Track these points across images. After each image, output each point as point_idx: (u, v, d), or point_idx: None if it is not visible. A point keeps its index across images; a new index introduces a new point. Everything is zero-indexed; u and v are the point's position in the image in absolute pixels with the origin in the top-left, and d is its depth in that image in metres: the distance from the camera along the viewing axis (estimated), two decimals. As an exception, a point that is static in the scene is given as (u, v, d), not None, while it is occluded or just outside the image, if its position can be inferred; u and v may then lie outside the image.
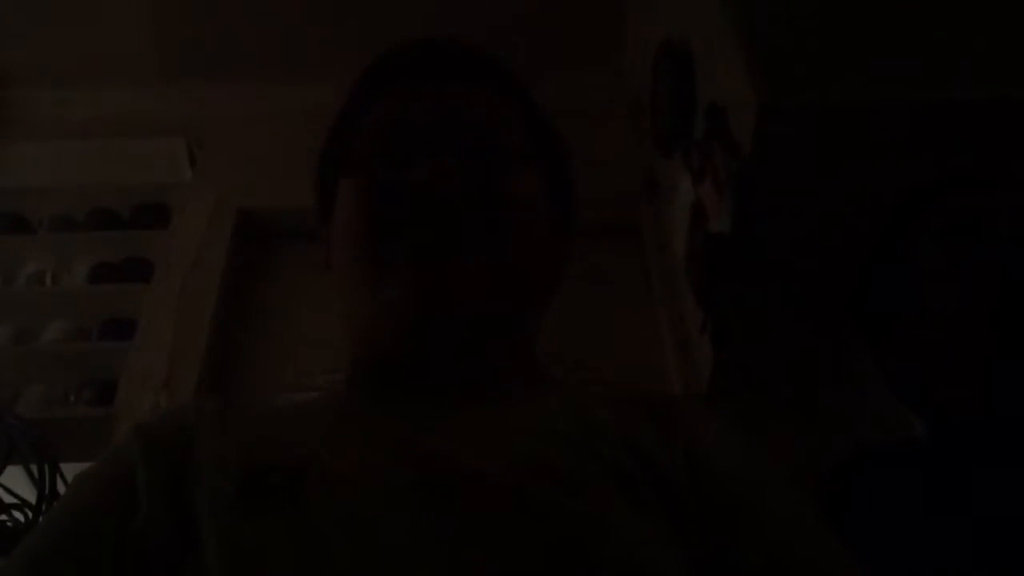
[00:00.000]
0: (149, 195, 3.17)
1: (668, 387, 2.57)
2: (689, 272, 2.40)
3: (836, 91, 1.84)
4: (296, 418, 0.74)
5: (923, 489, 1.14)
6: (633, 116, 3.08)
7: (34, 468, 2.15)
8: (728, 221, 2.02)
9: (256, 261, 3.02)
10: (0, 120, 3.30)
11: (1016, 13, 1.87)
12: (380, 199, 0.73)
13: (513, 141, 0.77)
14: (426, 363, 0.73)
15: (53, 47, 3.20)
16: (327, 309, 0.81)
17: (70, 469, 2.12)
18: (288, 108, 2.97)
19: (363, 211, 0.74)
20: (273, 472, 0.62)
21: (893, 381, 1.20)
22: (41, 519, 0.70)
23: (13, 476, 2.17)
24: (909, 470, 1.18)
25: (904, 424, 1.26)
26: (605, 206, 2.87)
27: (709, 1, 2.20)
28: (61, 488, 2.11)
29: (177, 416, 0.70)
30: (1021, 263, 1.16)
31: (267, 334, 2.84)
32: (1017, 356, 1.13)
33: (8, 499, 2.11)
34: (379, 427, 0.69)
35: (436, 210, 0.70)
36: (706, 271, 2.19)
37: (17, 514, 2.10)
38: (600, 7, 3.16)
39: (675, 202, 2.58)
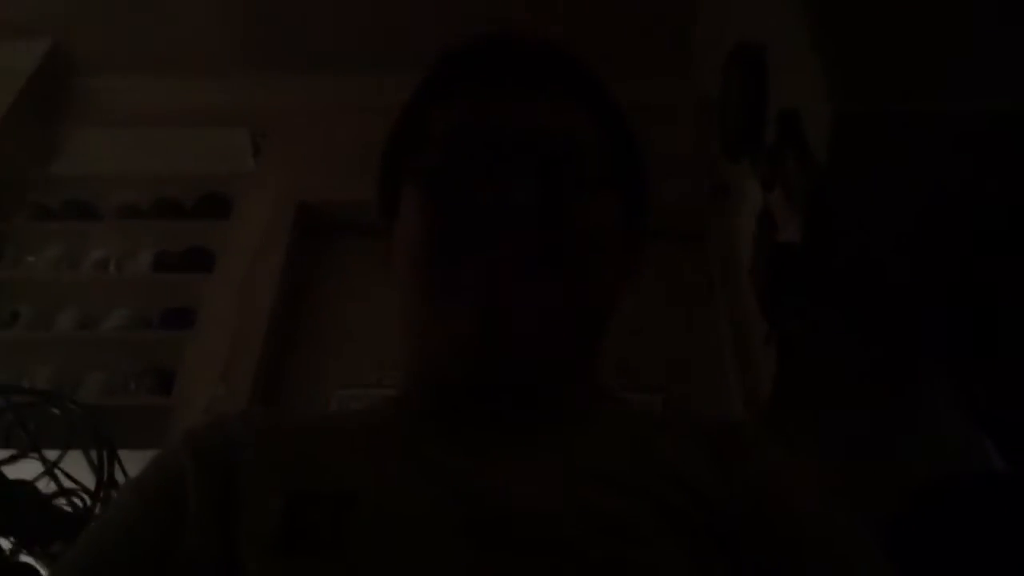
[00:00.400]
0: (212, 185, 3.19)
1: (727, 397, 2.50)
2: (754, 282, 2.34)
3: (916, 99, 1.77)
4: (343, 437, 0.71)
5: (1005, 525, 1.09)
6: (700, 118, 3.01)
7: (93, 454, 2.16)
8: (798, 231, 1.96)
9: (316, 255, 3.02)
10: (71, 108, 3.37)
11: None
12: (449, 217, 0.70)
13: (588, 159, 0.73)
14: (486, 390, 0.70)
15: (125, 37, 3.25)
16: (385, 304, 0.77)
17: (128, 457, 2.14)
18: (353, 102, 2.97)
19: (429, 227, 0.71)
20: (316, 504, 0.60)
21: (976, 410, 1.14)
22: (88, 527, 0.68)
23: (73, 461, 2.20)
24: (990, 504, 1.13)
25: (981, 454, 1.20)
26: (668, 210, 2.82)
27: (787, 5, 2.14)
28: (119, 475, 2.13)
29: (225, 428, 0.69)
30: None
31: (325, 328, 2.85)
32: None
33: (68, 484, 2.13)
34: (430, 456, 0.66)
35: (507, 234, 0.67)
36: (772, 282, 2.12)
37: (76, 500, 2.12)
38: (671, 7, 3.09)
39: (742, 209, 2.52)
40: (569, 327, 0.70)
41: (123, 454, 2.16)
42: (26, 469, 2.16)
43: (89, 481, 2.17)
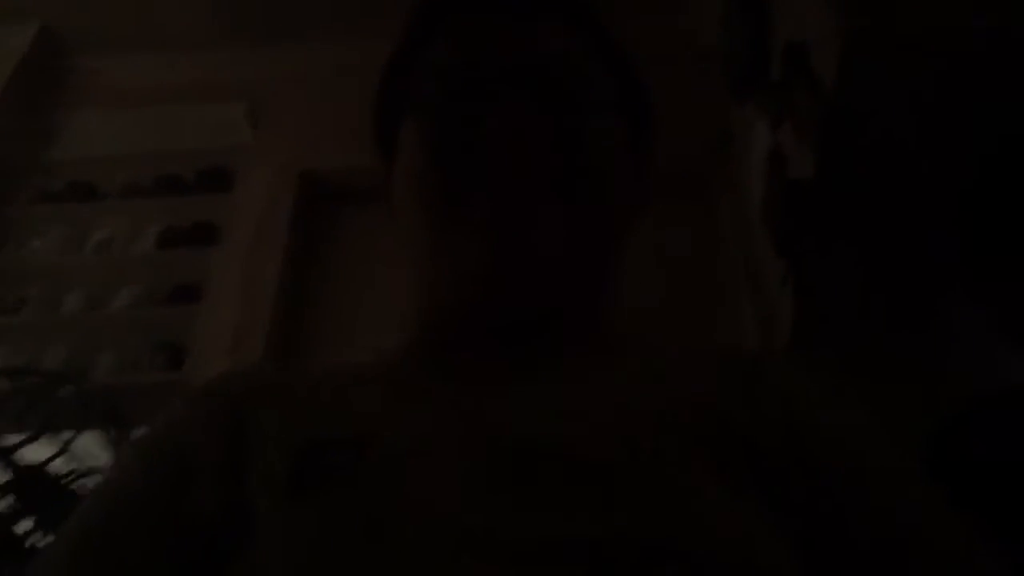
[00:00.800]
0: (213, 159, 3.17)
1: (747, 342, 2.47)
2: (768, 222, 2.29)
3: (930, 16, 1.70)
4: (352, 385, 0.69)
5: None
6: (705, 64, 2.95)
7: (109, 433, 2.16)
8: (810, 166, 1.91)
9: (321, 223, 2.99)
10: (65, 90, 3.33)
11: None
12: (452, 145, 0.67)
13: (593, 83, 0.71)
14: (503, 320, 0.68)
15: (114, 16, 3.21)
16: (395, 270, 0.76)
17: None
18: (349, 66, 2.90)
19: (433, 157, 0.68)
20: (329, 448, 0.57)
21: (1005, 328, 1.09)
22: (95, 489, 0.66)
23: (88, 442, 2.19)
24: None
25: (1016, 371, 1.16)
26: (676, 159, 2.77)
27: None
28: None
29: (231, 383, 0.68)
30: None
31: (334, 296, 2.82)
32: None
33: (83, 467, 2.12)
34: (444, 394, 0.64)
35: (514, 160, 0.65)
36: (787, 219, 2.08)
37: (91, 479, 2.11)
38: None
39: (751, 150, 2.47)
40: (587, 252, 0.69)
41: (139, 432, 2.16)
42: (42, 451, 2.16)
43: (106, 460, 2.16)
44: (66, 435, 2.15)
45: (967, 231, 1.24)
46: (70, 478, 2.10)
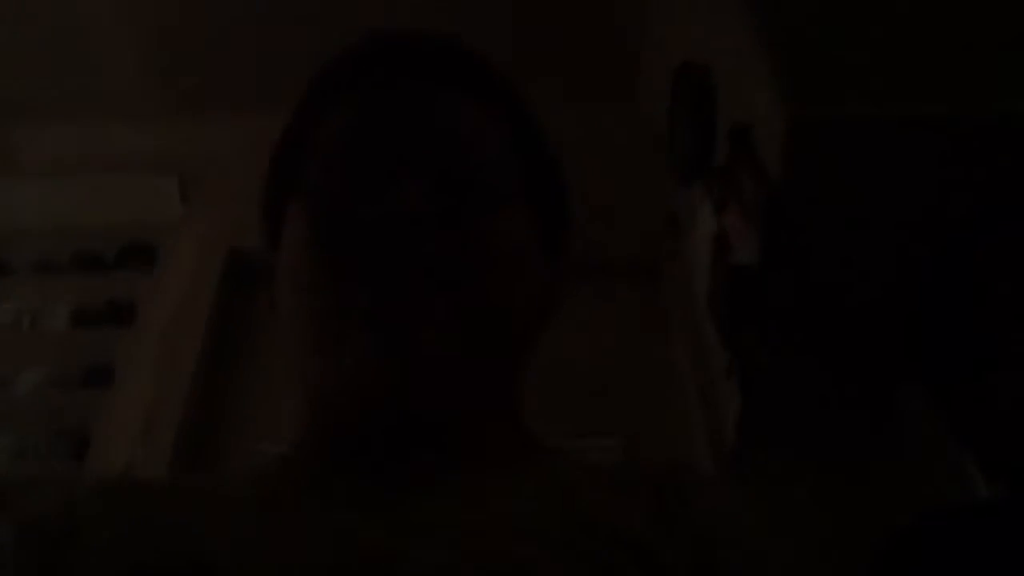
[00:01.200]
0: (136, 235, 3.06)
1: (691, 437, 2.38)
2: (712, 310, 2.21)
3: (873, 104, 1.67)
4: (210, 501, 0.61)
5: (1003, 560, 0.96)
6: (655, 151, 2.93)
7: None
8: (755, 252, 1.83)
9: (247, 304, 2.85)
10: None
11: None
12: (334, 236, 0.61)
13: (494, 165, 0.65)
14: (387, 428, 0.61)
15: (38, 82, 3.11)
16: None
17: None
18: (283, 142, 2.84)
19: (314, 249, 0.62)
20: None
21: (965, 434, 1.00)
22: None
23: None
24: (985, 537, 1.00)
25: (971, 483, 1.06)
26: (623, 245, 2.79)
27: (730, 18, 2.05)
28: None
29: (66, 493, 0.60)
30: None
31: (257, 382, 2.67)
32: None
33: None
34: (317, 516, 0.57)
35: (400, 250, 0.59)
36: (731, 308, 2.00)
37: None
38: (617, 37, 3.05)
39: (695, 235, 2.40)
40: (481, 349, 0.61)
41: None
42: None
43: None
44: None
45: (916, 322, 1.15)
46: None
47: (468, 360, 0.61)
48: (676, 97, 2.52)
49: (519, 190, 0.66)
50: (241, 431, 2.53)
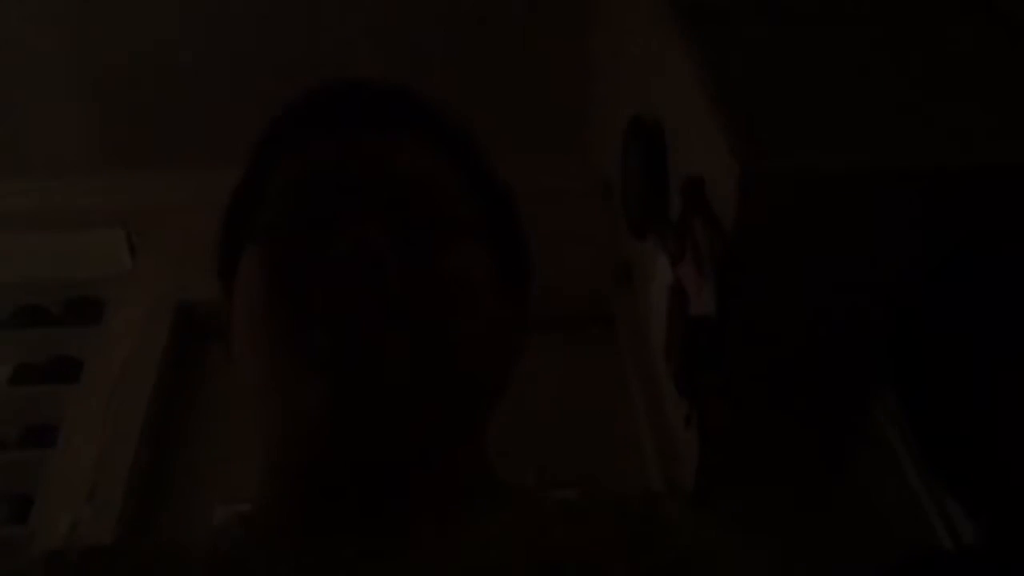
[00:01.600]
0: (82, 289, 2.98)
1: (651, 482, 2.37)
2: (669, 361, 2.22)
3: (825, 157, 1.70)
4: (168, 567, 0.61)
5: None
6: (606, 201, 2.95)
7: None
8: (711, 303, 1.85)
9: (198, 359, 2.78)
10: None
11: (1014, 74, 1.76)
12: (290, 276, 0.62)
13: (452, 203, 0.67)
14: (349, 484, 0.61)
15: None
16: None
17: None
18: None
19: (270, 291, 0.62)
20: None
21: (943, 478, 1.00)
22: None
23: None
24: None
25: (949, 529, 1.07)
26: (576, 297, 2.79)
27: (680, 71, 2.08)
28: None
29: (7, 569, 0.62)
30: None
31: (209, 440, 2.60)
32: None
33: None
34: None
35: (360, 290, 0.59)
36: (688, 358, 2.00)
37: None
38: (566, 89, 3.07)
39: (651, 287, 2.42)
40: (443, 390, 0.61)
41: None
42: None
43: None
44: None
45: (877, 374, 1.16)
46: None
47: (430, 395, 0.61)
48: (627, 151, 2.55)
49: (476, 227, 0.67)
50: (192, 492, 2.46)
